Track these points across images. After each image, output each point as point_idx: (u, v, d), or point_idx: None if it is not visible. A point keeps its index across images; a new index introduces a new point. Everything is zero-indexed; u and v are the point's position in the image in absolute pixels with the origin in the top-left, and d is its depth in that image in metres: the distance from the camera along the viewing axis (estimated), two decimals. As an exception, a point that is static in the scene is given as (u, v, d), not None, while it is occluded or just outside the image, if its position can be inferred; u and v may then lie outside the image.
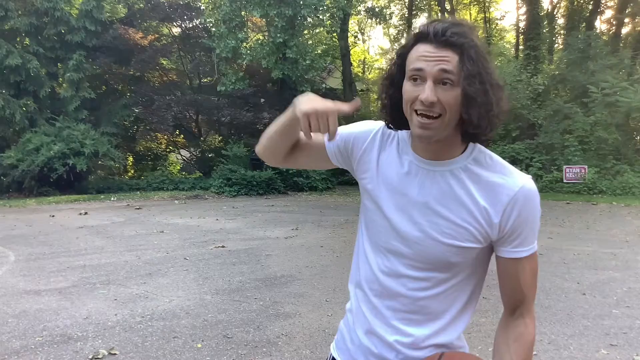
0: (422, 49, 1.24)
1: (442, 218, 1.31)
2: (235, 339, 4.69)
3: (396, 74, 1.32)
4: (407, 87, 1.26)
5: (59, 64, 22.37)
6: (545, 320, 5.08)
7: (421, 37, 1.25)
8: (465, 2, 34.06)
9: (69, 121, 20.67)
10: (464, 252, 1.31)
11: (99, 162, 21.17)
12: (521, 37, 27.27)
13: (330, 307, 5.57)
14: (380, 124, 1.48)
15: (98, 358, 4.25)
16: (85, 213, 14.43)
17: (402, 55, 1.30)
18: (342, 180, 23.37)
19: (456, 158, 1.32)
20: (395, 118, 1.35)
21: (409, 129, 1.34)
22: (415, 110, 1.25)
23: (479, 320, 5.09)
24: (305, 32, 24.07)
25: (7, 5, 20.04)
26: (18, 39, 21.79)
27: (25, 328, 4.98)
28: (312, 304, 5.71)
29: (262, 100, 24.24)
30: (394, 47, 39.00)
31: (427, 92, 1.21)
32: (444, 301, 1.38)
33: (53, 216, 13.87)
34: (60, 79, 22.52)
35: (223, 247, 9.17)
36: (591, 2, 25.53)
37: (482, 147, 1.35)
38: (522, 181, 1.29)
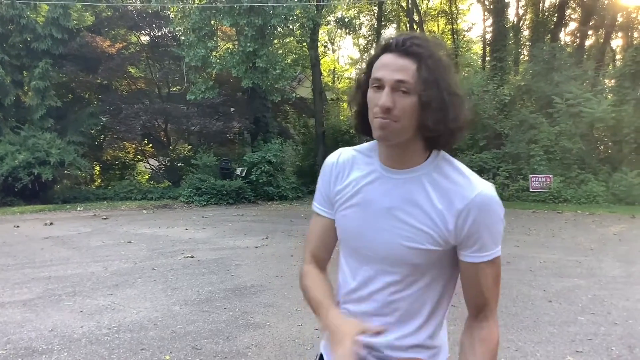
0: (385, 59, 1.34)
1: (403, 223, 1.39)
2: (204, 350, 4.65)
3: (364, 82, 1.41)
4: (370, 95, 1.36)
5: (24, 72, 21.95)
6: (512, 327, 5.15)
7: (386, 47, 1.36)
8: (433, 13, 34.53)
9: (34, 130, 20.30)
10: (425, 254, 1.38)
11: (65, 171, 20.76)
12: (488, 48, 27.71)
13: (300, 317, 5.56)
14: (334, 155, 1.59)
15: (63, 371, 4.18)
16: (51, 223, 14.16)
17: (370, 64, 1.40)
18: (312, 189, 23.37)
19: (418, 166, 1.40)
20: (363, 124, 1.43)
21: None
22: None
23: (447, 328, 5.12)
24: (275, 41, 24.05)
25: (-30, 12, 19.69)
26: (-18, 47, 21.40)
27: (-12, 341, 4.87)
28: (282, 314, 5.70)
29: (232, 109, 24.16)
30: (364, 57, 39.29)
31: (383, 98, 1.31)
32: (414, 303, 1.44)
33: (18, 226, 13.59)
34: (26, 87, 22.09)
35: (192, 257, 9.10)
36: (555, 15, 26.13)
37: (447, 156, 1.44)
38: (479, 189, 1.35)
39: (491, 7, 25.91)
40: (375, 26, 33.82)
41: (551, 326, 5.20)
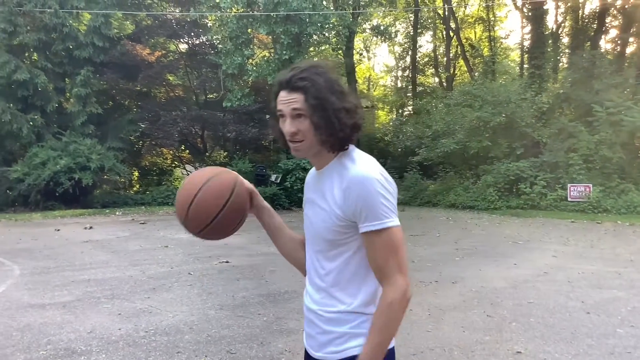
0: (281, 95, 1.72)
1: (318, 207, 1.78)
2: (238, 354, 4.69)
3: (275, 112, 1.77)
4: (280, 125, 1.75)
5: (66, 79, 22.53)
6: (549, 338, 5.07)
7: (279, 86, 1.73)
8: (470, 20, 34.28)
9: (75, 136, 20.78)
10: (333, 230, 1.71)
11: (105, 176, 21.22)
12: (526, 55, 27.37)
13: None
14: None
15: (102, 372, 4.27)
16: (90, 227, 14.47)
17: (274, 99, 1.76)
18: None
19: (328, 165, 1.77)
20: (285, 142, 1.79)
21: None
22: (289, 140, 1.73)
23: (482, 338, 5.09)
24: (311, 49, 24.21)
25: (16, 21, 20.23)
26: (26, 54, 21.99)
27: (30, 342, 5.00)
28: (316, 321, 5.70)
29: (268, 116, 24.32)
30: (399, 64, 39.26)
31: (287, 127, 1.71)
32: (340, 273, 1.75)
33: (58, 230, 13.91)
34: (68, 94, 22.65)
35: (227, 262, 9.19)
36: (596, 22, 25.65)
37: (350, 150, 1.76)
38: (356, 171, 1.66)
39: (529, 14, 25.60)
40: (411, 34, 33.76)
41: (589, 338, 5.11)
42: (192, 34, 25.50)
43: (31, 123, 20.66)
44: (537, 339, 5.04)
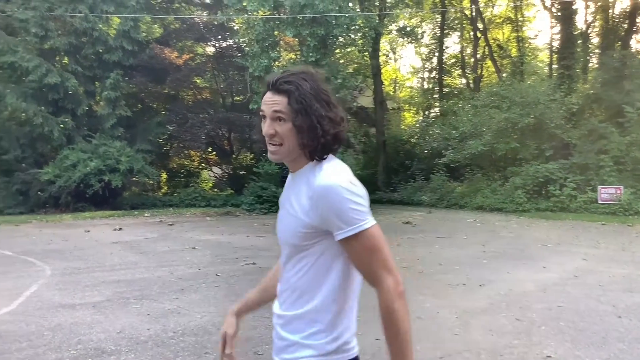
0: (265, 96, 1.75)
1: (287, 212, 1.78)
2: (266, 355, 4.71)
3: (259, 113, 1.80)
4: (262, 125, 1.77)
5: (96, 82, 22.88)
6: (580, 342, 5.00)
7: (266, 87, 1.75)
8: (497, 21, 33.91)
9: (105, 138, 21.09)
10: (299, 235, 1.71)
11: (134, 178, 21.48)
12: (555, 56, 27.00)
13: (360, 325, 5.54)
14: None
15: (131, 372, 4.32)
16: (120, 229, 14.66)
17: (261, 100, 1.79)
18: (372, 198, 23.30)
19: (301, 169, 1.77)
20: (266, 144, 1.79)
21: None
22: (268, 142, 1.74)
23: (511, 342, 5.04)
24: (337, 51, 24.21)
25: (47, 25, 20.59)
26: (57, 58, 22.35)
27: (61, 341, 5.09)
28: (343, 323, 5.69)
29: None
30: (425, 65, 39.03)
31: (265, 127, 1.74)
32: (306, 280, 1.74)
33: (88, 231, 14.12)
34: (98, 97, 23.00)
35: (254, 264, 9.23)
36: (626, 21, 25.21)
37: (325, 159, 1.74)
38: (320, 181, 1.65)
39: (559, 14, 25.26)
40: (438, 35, 33.55)
41: (620, 342, 5.02)
42: (219, 37, 25.71)
43: (62, 126, 21.04)
44: (567, 343, 4.97)
